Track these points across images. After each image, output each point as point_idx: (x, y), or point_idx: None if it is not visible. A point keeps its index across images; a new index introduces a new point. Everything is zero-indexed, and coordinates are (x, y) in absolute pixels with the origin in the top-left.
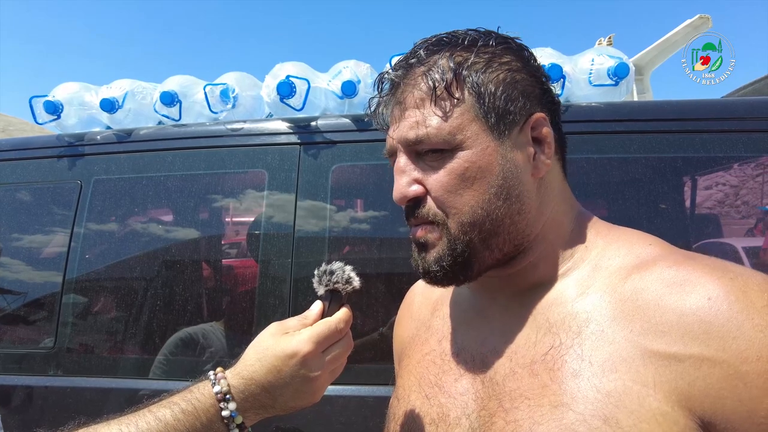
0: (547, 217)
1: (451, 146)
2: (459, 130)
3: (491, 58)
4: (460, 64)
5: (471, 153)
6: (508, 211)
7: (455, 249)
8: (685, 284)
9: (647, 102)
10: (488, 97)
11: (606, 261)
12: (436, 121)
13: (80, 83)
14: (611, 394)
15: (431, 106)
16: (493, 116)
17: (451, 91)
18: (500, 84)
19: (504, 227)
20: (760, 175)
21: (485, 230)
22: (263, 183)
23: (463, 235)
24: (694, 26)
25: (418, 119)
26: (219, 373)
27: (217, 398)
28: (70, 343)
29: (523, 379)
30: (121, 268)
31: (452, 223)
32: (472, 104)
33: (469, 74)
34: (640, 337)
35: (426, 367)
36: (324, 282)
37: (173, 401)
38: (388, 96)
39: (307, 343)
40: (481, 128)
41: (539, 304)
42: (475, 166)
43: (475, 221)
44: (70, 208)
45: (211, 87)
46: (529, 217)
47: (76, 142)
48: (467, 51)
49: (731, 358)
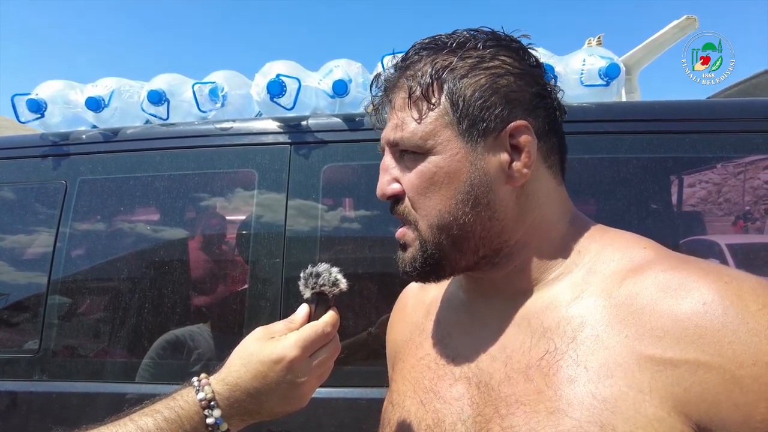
0: (530, 224)
1: (423, 150)
2: (431, 135)
3: (477, 62)
4: (443, 68)
5: (440, 158)
6: (477, 218)
7: (426, 250)
8: (679, 288)
9: (637, 102)
10: (462, 103)
11: (600, 265)
12: (412, 126)
13: (65, 81)
14: (607, 400)
15: (409, 109)
16: (465, 122)
17: (428, 97)
18: (478, 90)
19: (474, 233)
20: (742, 173)
21: (453, 235)
22: (253, 183)
23: (432, 238)
24: (680, 27)
25: (398, 122)
26: (203, 380)
27: (202, 405)
28: (55, 347)
29: (519, 385)
30: (107, 270)
31: (422, 224)
32: (446, 110)
33: (448, 79)
34: (636, 342)
35: (421, 372)
36: (310, 285)
37: (155, 409)
38: (382, 96)
39: (294, 348)
40: (453, 134)
41: (533, 308)
42: (443, 172)
43: (442, 225)
44: (55, 209)
45: (199, 85)
46: (504, 224)
47: (61, 142)
48: (452, 55)
49: (727, 363)
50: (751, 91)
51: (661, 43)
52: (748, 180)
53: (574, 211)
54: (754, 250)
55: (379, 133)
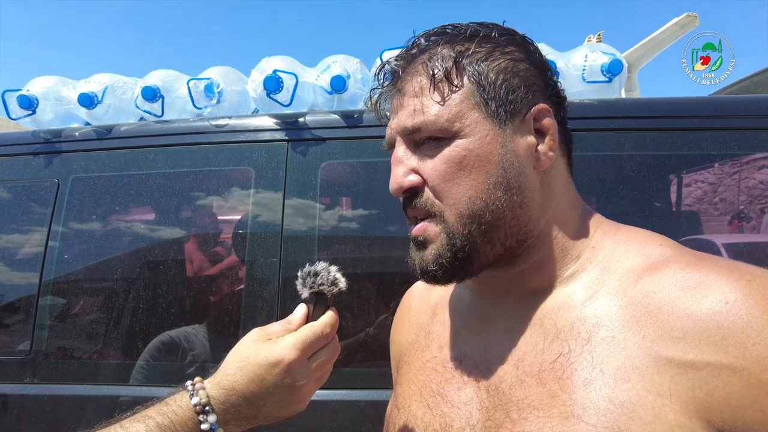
0: (551, 214)
1: (449, 134)
2: (458, 118)
3: (493, 48)
4: (461, 53)
5: (469, 141)
6: (509, 203)
7: (454, 244)
8: (699, 287)
9: (638, 99)
10: (488, 85)
11: (615, 263)
12: (435, 109)
13: (57, 77)
14: (624, 405)
15: (430, 93)
16: (493, 104)
17: (451, 79)
18: (501, 72)
19: (505, 220)
20: (738, 172)
21: (485, 222)
22: (249, 181)
23: (462, 228)
24: (681, 24)
25: (417, 107)
26: (197, 384)
27: (196, 410)
28: (47, 348)
29: (531, 388)
30: (100, 270)
31: (450, 214)
32: (472, 92)
33: (470, 63)
34: (654, 344)
35: (427, 375)
36: (308, 284)
37: (147, 415)
38: (388, 87)
39: (292, 350)
40: (481, 116)
41: (545, 308)
42: (473, 155)
43: (473, 212)
44: (47, 207)
45: (194, 82)
46: (531, 211)
47: (53, 139)
48: (469, 41)
49: (752, 366)
50: (753, 88)
51: (661, 40)
52: (743, 180)
53: (584, 205)
54: (751, 250)
55: (382, 128)
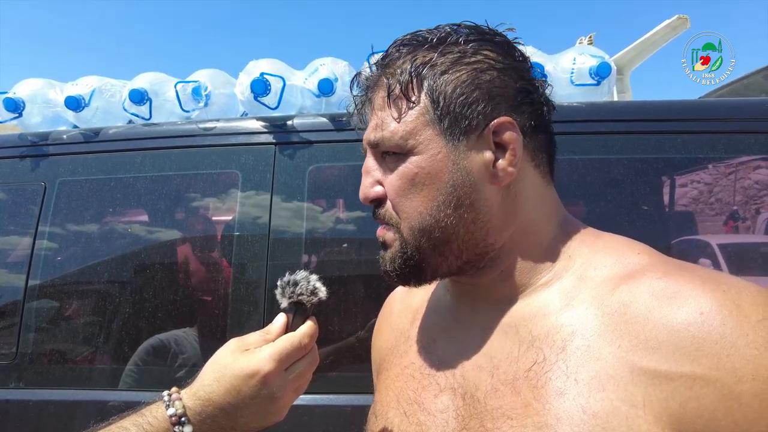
0: (517, 226)
1: (404, 150)
2: (411, 135)
3: (458, 58)
4: (423, 64)
5: (421, 158)
6: (459, 220)
7: (405, 252)
8: (675, 297)
9: (628, 102)
10: (443, 100)
11: (592, 271)
12: (393, 125)
13: (44, 79)
14: (598, 415)
15: (389, 108)
16: (447, 121)
17: (408, 95)
18: (460, 86)
19: (457, 235)
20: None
21: (434, 238)
22: (237, 184)
23: (414, 240)
24: (672, 27)
25: (378, 122)
26: (174, 394)
27: (172, 421)
28: (33, 353)
29: (506, 397)
30: (87, 274)
31: (404, 227)
32: (428, 108)
33: (430, 76)
34: (629, 354)
35: (405, 382)
36: (287, 293)
37: (122, 426)
38: (363, 95)
39: (269, 362)
40: (435, 133)
41: (522, 315)
42: (424, 172)
43: (423, 227)
44: (34, 210)
45: (182, 85)
46: (489, 227)
47: (40, 142)
48: (433, 50)
49: (725, 377)
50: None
51: (652, 42)
52: (739, 180)
53: (564, 214)
54: (746, 250)
55: (361, 134)
